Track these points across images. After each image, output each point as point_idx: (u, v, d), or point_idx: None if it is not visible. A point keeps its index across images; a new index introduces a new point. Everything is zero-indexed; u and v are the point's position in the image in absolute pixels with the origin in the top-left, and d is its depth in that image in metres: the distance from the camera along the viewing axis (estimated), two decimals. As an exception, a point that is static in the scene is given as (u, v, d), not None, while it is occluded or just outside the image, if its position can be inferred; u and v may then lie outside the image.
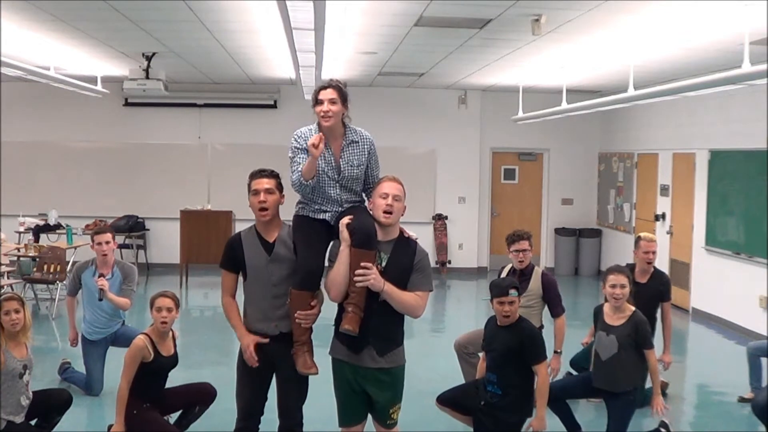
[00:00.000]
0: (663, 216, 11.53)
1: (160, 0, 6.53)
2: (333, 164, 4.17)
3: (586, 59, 8.82)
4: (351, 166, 4.21)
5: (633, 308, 5.43)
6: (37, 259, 9.70)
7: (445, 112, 13.69)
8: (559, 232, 13.93)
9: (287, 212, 4.38)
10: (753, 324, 9.14)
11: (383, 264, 4.20)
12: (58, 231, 11.32)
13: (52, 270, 9.43)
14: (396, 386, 4.29)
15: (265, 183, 4.33)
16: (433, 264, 13.66)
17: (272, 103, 13.38)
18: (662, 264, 9.64)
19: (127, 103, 13.15)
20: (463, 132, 13.75)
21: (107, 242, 6.59)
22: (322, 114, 4.09)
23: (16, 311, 4.97)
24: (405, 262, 4.22)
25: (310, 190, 4.17)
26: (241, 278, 4.49)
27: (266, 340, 4.35)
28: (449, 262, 13.74)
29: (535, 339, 5.06)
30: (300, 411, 4.50)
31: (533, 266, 6.19)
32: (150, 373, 5.22)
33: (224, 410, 6.06)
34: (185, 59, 10.04)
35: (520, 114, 11.66)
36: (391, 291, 4.09)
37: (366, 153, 4.25)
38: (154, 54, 9.47)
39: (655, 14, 6.28)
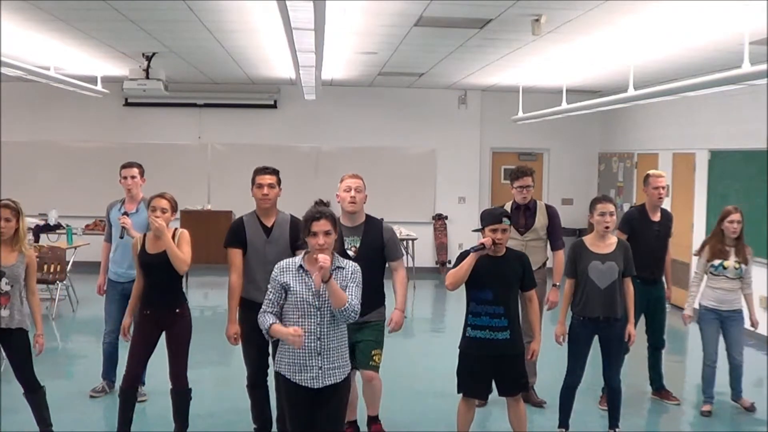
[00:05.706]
0: (663, 216, 11.52)
1: (160, 0, 6.54)
2: (313, 289, 4.00)
3: (586, 59, 8.82)
4: None
5: (614, 236, 5.50)
6: (37, 259, 9.65)
7: (445, 112, 13.67)
8: (559, 232, 13.93)
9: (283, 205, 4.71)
10: (753, 324, 9.11)
11: (357, 246, 4.98)
12: (58, 231, 11.30)
13: (52, 270, 9.41)
14: (377, 333, 5.06)
15: (268, 179, 5.08)
16: (433, 264, 13.70)
17: (272, 103, 13.33)
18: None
19: (127, 103, 13.15)
20: (463, 132, 13.74)
21: (133, 177, 6.36)
22: (317, 247, 3.95)
23: (7, 219, 5.00)
24: (376, 240, 5.08)
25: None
26: None
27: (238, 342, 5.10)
28: (449, 262, 13.72)
29: (530, 265, 5.08)
30: None
31: (535, 200, 6.32)
32: (143, 269, 5.18)
33: (225, 410, 6.10)
34: (185, 59, 10.04)
35: (520, 114, 11.66)
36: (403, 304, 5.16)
37: (349, 278, 4.08)
38: (154, 54, 9.46)
39: (655, 14, 6.28)
